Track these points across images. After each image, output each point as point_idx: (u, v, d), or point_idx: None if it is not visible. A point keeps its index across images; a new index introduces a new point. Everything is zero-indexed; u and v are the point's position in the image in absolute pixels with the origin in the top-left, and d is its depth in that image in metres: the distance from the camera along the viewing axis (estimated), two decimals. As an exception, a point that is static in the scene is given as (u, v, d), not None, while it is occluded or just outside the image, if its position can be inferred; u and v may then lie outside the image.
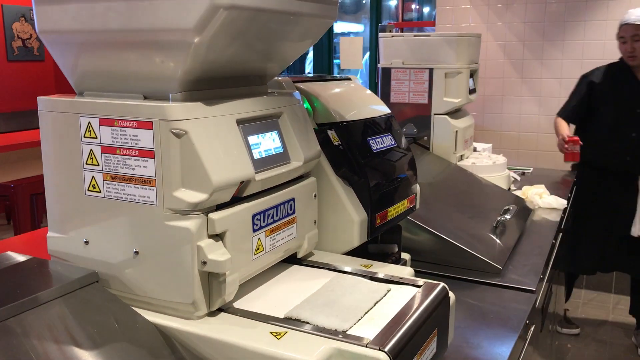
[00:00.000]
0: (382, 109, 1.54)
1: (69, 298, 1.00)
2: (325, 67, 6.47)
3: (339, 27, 7.84)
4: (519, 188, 2.71)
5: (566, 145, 3.01)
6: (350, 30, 8.14)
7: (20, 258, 1.13)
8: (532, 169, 3.28)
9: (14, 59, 5.96)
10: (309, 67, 6.91)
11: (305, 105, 1.33)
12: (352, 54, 4.35)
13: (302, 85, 1.38)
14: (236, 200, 1.04)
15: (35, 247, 1.15)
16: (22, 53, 6.02)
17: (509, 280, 1.70)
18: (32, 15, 1.05)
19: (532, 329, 1.57)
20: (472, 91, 2.79)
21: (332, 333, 0.95)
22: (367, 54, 5.87)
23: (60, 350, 0.90)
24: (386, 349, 0.91)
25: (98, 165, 1.03)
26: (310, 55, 6.70)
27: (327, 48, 6.47)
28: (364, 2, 7.72)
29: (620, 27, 3.05)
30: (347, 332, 0.96)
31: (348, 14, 8.08)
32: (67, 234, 1.10)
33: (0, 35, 5.85)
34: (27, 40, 6.02)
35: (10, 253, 1.15)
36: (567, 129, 3.16)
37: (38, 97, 1.08)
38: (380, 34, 2.79)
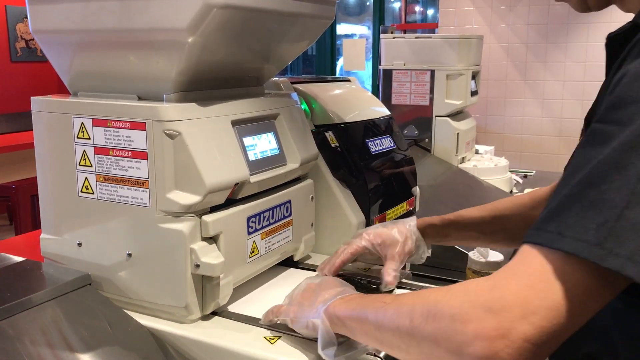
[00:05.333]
0: (381, 111, 1.53)
1: (61, 300, 0.99)
2: (328, 69, 6.47)
3: (343, 28, 7.84)
4: (521, 191, 2.69)
5: None
6: (354, 32, 8.13)
7: (14, 259, 1.12)
8: (534, 171, 3.25)
9: (17, 60, 5.97)
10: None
11: (303, 107, 1.32)
12: (355, 55, 4.34)
13: (300, 87, 1.36)
14: (231, 202, 1.03)
15: (36, 247, 1.14)
16: (26, 54, 6.03)
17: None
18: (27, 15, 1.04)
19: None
20: (474, 93, 2.78)
21: (326, 338, 0.94)
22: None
23: (52, 353, 0.88)
24: (381, 355, 0.89)
25: (91, 166, 1.02)
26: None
27: (330, 50, 6.47)
28: (368, 4, 7.72)
29: None
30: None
31: (352, 16, 8.08)
32: (61, 235, 1.09)
33: (4, 36, 5.85)
34: (31, 41, 6.02)
35: (3, 254, 1.14)
36: None
37: (32, 98, 1.07)
38: (381, 36, 2.78)
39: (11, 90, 5.74)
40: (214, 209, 1.00)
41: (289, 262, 1.25)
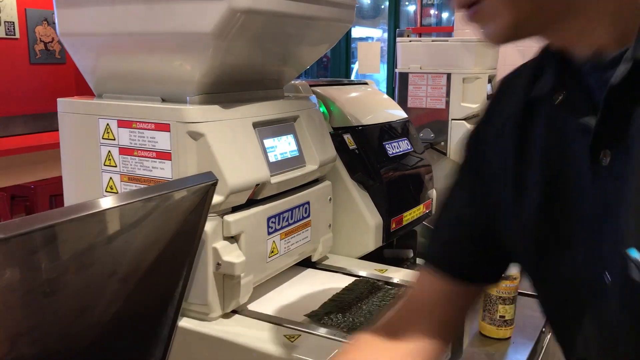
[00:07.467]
0: (398, 114, 1.54)
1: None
2: (343, 72, 6.48)
3: (357, 32, 7.84)
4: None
5: None
6: (368, 35, 8.14)
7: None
8: (550, 175, 3.24)
9: (36, 62, 6.04)
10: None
11: (321, 109, 1.33)
12: (370, 58, 4.35)
13: (318, 89, 1.38)
14: (251, 202, 1.04)
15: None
16: (44, 56, 6.10)
17: (526, 287, 1.67)
18: (55, 18, 1.06)
19: (549, 337, 1.55)
20: (490, 97, 2.78)
21: (346, 337, 0.95)
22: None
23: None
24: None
25: (116, 166, 1.04)
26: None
27: (344, 53, 6.48)
28: (382, 7, 7.72)
29: None
30: (361, 337, 0.96)
31: (366, 19, 8.09)
32: (85, 234, 1.11)
33: (24, 39, 5.93)
34: (49, 44, 6.09)
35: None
36: None
37: (58, 99, 1.10)
38: (397, 39, 2.79)
39: (30, 92, 5.81)
40: (236, 209, 1.01)
41: (307, 263, 1.26)
